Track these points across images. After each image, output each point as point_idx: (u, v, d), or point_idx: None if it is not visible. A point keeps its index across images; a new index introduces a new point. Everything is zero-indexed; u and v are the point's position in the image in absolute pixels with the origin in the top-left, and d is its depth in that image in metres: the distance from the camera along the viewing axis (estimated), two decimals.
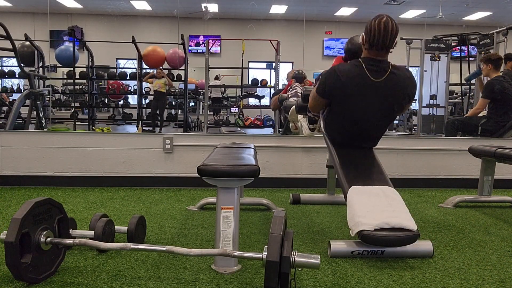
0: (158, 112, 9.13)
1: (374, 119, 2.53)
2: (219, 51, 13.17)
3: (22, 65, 6.18)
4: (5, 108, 7.88)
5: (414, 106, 9.80)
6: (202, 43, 12.97)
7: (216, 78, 10.90)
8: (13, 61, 9.90)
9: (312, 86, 3.23)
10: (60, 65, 9.38)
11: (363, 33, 2.41)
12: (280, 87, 8.08)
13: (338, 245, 2.22)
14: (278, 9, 12.28)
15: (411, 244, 2.16)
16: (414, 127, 8.97)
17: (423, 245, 2.23)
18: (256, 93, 10.26)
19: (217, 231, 2.01)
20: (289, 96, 4.98)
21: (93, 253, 2.15)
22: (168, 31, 11.21)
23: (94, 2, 12.31)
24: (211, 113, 10.30)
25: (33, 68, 8.12)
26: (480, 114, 5.00)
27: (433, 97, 8.03)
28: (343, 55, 2.98)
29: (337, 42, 13.64)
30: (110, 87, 9.80)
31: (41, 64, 8.46)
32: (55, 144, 3.88)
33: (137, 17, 13.04)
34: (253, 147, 2.82)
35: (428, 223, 2.89)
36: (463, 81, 7.16)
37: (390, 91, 2.42)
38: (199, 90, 10.99)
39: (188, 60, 9.21)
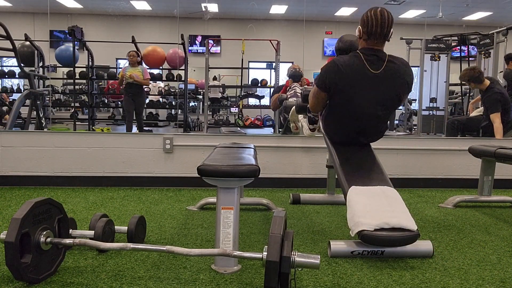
0: (135, 111, 7.20)
1: (373, 110, 2.50)
2: (219, 51, 13.17)
3: (22, 65, 6.19)
4: (5, 108, 7.88)
5: (414, 106, 9.82)
6: (199, 44, 13.00)
7: (214, 78, 10.89)
8: (13, 61, 9.88)
9: (312, 86, 3.23)
10: (60, 65, 9.37)
11: (359, 26, 2.43)
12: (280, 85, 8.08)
13: (338, 245, 2.22)
14: (278, 9, 12.28)
15: (411, 244, 2.16)
16: (414, 127, 8.97)
17: (423, 245, 2.23)
18: (256, 93, 10.25)
19: (217, 231, 2.01)
20: (289, 96, 4.98)
21: (93, 253, 2.15)
22: (168, 31, 11.21)
23: (94, 2, 12.31)
24: (210, 113, 10.30)
25: (33, 68, 8.11)
26: (477, 113, 5.02)
27: (433, 100, 8.04)
28: (335, 55, 2.99)
29: None
30: (110, 87, 9.80)
31: (41, 64, 8.45)
32: (55, 144, 3.88)
33: (137, 17, 13.04)
34: (253, 147, 2.82)
35: (428, 223, 2.89)
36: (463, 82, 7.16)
37: (389, 81, 2.44)
38: (199, 90, 10.99)
39: (188, 60, 9.21)
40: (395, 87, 2.47)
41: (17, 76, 8.90)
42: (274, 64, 8.42)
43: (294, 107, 3.85)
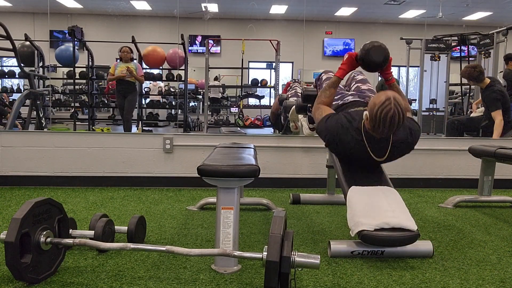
0: (125, 109, 6.71)
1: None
2: (219, 51, 13.17)
3: (22, 65, 6.18)
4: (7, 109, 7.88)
5: (414, 106, 9.82)
6: (199, 43, 13.01)
7: (216, 78, 10.90)
8: (13, 61, 9.88)
9: (312, 87, 3.22)
10: (60, 65, 9.38)
11: (367, 113, 2.23)
12: (280, 88, 8.10)
13: (338, 245, 2.22)
14: (278, 9, 12.28)
15: (411, 244, 2.16)
16: None
17: (423, 245, 2.23)
18: (256, 93, 10.26)
19: (217, 231, 2.01)
20: (289, 96, 4.98)
21: (93, 253, 2.15)
22: (168, 31, 11.20)
23: (94, 2, 12.31)
24: (210, 113, 10.30)
25: (33, 68, 8.11)
26: (477, 114, 5.01)
27: (432, 101, 8.04)
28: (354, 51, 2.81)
29: (338, 41, 13.64)
30: (110, 87, 9.79)
31: (41, 64, 8.46)
32: (55, 144, 3.88)
33: (137, 17, 13.04)
34: (253, 147, 2.82)
35: (428, 223, 2.89)
36: (463, 81, 7.16)
37: (391, 159, 2.39)
38: (199, 90, 10.99)
39: (188, 60, 9.21)
40: (396, 158, 2.43)
41: (17, 76, 8.91)
42: (274, 64, 8.42)
43: (294, 107, 3.85)
